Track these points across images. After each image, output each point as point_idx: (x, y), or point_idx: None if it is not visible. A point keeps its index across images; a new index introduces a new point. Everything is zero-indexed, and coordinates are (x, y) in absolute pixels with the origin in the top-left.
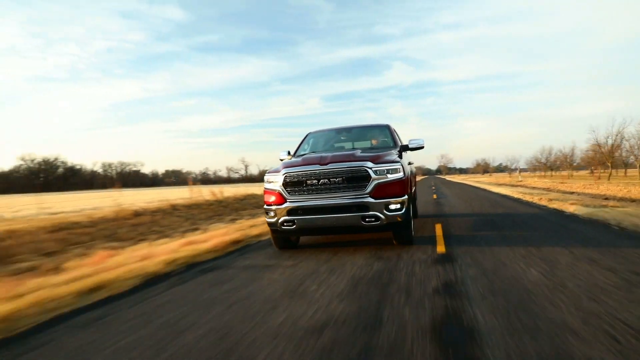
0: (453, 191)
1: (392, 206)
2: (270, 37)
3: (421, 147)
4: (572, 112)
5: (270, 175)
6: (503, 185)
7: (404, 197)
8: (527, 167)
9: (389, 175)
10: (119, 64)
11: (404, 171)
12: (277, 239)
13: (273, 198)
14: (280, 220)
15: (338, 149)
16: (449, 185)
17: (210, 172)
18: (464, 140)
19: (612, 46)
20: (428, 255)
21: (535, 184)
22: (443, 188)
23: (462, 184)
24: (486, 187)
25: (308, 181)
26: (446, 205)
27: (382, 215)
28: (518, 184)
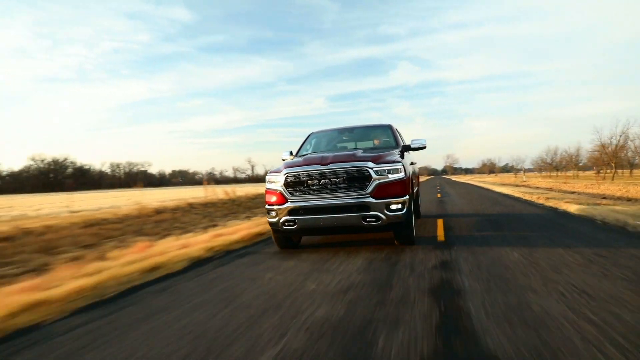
0: (457, 190)
1: (393, 206)
2: (275, 37)
3: (423, 147)
4: (579, 112)
5: (271, 175)
6: (507, 185)
7: (405, 197)
8: (533, 168)
9: (390, 176)
10: (126, 65)
11: (405, 171)
12: (279, 238)
13: (274, 198)
14: (281, 220)
15: (340, 149)
16: (454, 185)
17: (216, 172)
18: (470, 140)
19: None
20: (430, 242)
21: (539, 184)
22: (447, 187)
23: (467, 183)
24: (489, 187)
25: (309, 181)
26: (449, 203)
27: (383, 216)
28: (522, 184)
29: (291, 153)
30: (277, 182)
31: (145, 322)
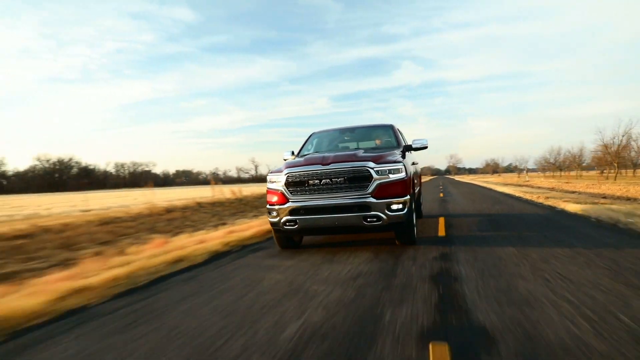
0: (459, 190)
1: (394, 206)
2: (278, 37)
3: (425, 147)
4: (583, 112)
5: (272, 175)
6: (509, 185)
7: (406, 197)
8: (537, 168)
9: (391, 176)
10: (129, 65)
11: (406, 171)
12: (280, 238)
13: (275, 198)
14: (282, 220)
15: (342, 149)
16: (456, 185)
17: (220, 172)
18: (473, 140)
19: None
20: (431, 237)
21: (541, 184)
22: (450, 187)
23: (469, 183)
24: (491, 187)
25: (310, 181)
26: (450, 202)
27: (384, 216)
28: (524, 183)
29: (293, 153)
30: (278, 182)
31: (180, 304)
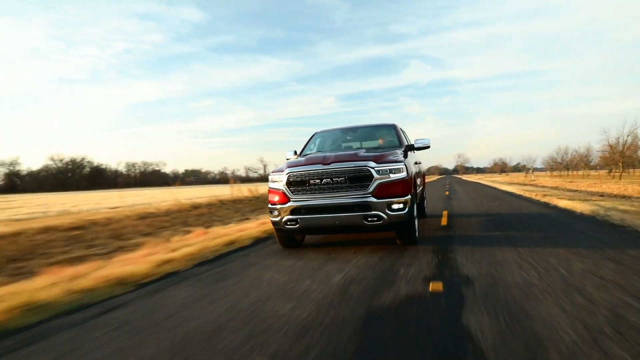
0: (464, 189)
1: (395, 206)
2: (285, 37)
3: (427, 147)
4: (591, 111)
5: (274, 175)
6: (514, 184)
7: (407, 197)
8: (545, 167)
9: (392, 175)
10: (138, 65)
11: (408, 171)
12: (282, 237)
13: (277, 197)
14: (283, 220)
15: (345, 148)
16: (462, 184)
17: (228, 172)
18: (481, 139)
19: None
20: (435, 226)
21: (546, 183)
22: (456, 186)
23: (475, 182)
24: (496, 186)
25: (311, 181)
26: (455, 199)
27: (385, 215)
28: (529, 183)
29: (295, 152)
30: (280, 182)
31: (250, 268)
